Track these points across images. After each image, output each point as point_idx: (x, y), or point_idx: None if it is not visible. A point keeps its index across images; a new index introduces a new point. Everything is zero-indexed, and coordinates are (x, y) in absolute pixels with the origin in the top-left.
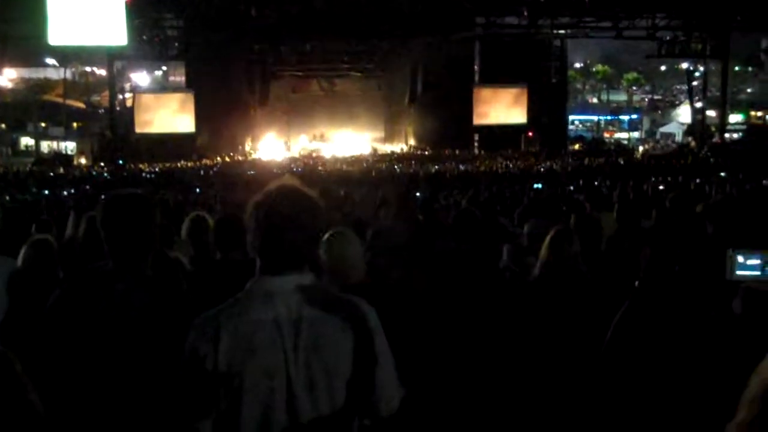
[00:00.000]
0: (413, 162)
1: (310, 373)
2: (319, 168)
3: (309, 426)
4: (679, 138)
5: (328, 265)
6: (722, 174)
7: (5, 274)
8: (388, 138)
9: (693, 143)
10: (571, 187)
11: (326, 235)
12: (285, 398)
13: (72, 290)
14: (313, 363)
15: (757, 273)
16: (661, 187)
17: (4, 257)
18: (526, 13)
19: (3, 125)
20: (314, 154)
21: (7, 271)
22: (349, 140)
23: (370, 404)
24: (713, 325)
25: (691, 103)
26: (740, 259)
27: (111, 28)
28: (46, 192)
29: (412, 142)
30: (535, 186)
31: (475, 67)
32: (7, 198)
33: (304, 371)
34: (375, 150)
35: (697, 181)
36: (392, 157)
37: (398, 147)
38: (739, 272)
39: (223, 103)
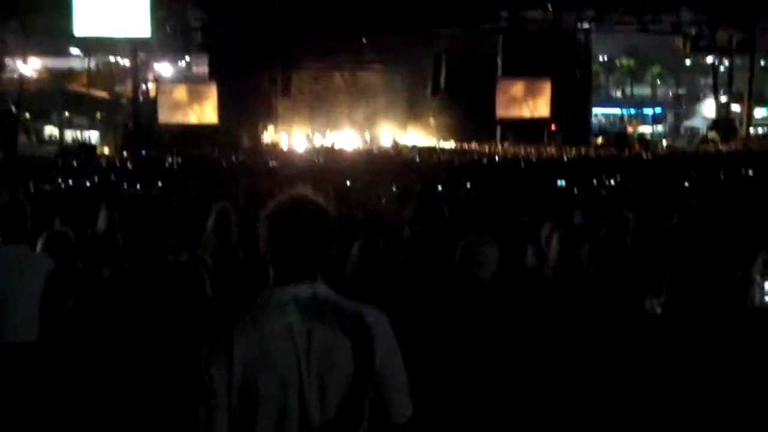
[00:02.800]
0: (434, 154)
1: (322, 382)
2: (341, 160)
3: None
4: (703, 132)
5: (463, 263)
6: (750, 172)
7: (44, 273)
8: (411, 130)
9: (717, 138)
10: (594, 182)
11: (466, 236)
12: (298, 406)
13: (88, 294)
14: (324, 371)
15: None
16: (686, 184)
17: (44, 254)
18: (550, 7)
19: (27, 114)
20: (336, 146)
21: (46, 270)
22: (371, 132)
23: (382, 413)
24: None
25: (716, 98)
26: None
27: (135, 20)
28: (70, 182)
29: (434, 134)
30: (559, 183)
31: (498, 60)
32: (32, 188)
33: (317, 380)
34: (397, 142)
35: (722, 177)
36: (414, 149)
37: (420, 139)
38: None
39: (245, 94)
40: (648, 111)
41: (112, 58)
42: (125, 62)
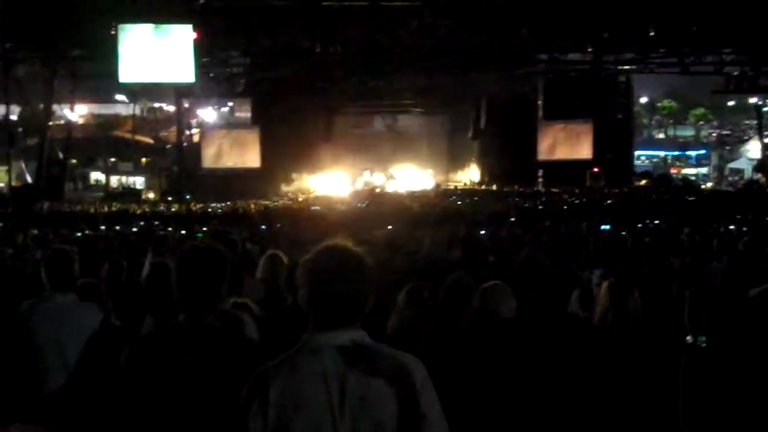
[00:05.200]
0: (477, 198)
1: (355, 427)
2: (383, 205)
3: None
4: (748, 174)
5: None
6: None
7: (92, 323)
8: (452, 173)
9: (762, 179)
10: (639, 225)
11: (484, 287)
12: None
13: (145, 345)
14: (358, 417)
15: None
16: (731, 227)
17: (92, 305)
18: (590, 49)
19: (74, 160)
20: (377, 190)
21: (94, 319)
22: (412, 176)
23: None
24: None
25: (761, 138)
26: None
27: (179, 66)
28: (117, 227)
29: (475, 177)
30: (603, 227)
31: (539, 102)
32: (79, 234)
33: (350, 425)
34: (438, 185)
35: None
36: (456, 193)
37: (461, 183)
38: None
39: (287, 139)
40: (692, 153)
41: (156, 104)
42: (169, 108)
